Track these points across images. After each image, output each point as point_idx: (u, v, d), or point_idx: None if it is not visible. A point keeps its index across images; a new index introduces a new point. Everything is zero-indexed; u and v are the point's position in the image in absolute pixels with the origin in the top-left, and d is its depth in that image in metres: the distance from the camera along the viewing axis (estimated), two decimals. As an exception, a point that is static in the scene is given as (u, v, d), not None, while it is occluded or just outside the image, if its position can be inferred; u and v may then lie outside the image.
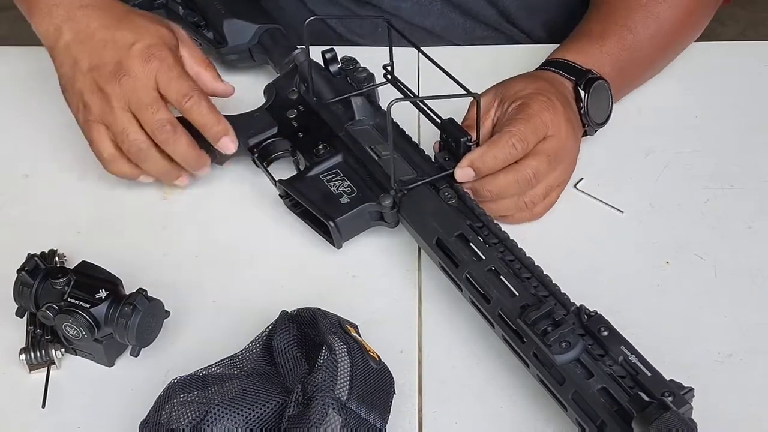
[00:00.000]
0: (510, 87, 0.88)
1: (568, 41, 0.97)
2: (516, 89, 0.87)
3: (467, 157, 0.83)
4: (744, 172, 0.94)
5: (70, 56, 0.88)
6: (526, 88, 0.87)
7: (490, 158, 0.82)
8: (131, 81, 0.85)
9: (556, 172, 0.86)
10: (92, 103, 0.86)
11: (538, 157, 0.84)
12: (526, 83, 0.88)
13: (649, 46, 0.98)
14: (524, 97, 0.86)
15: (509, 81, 0.90)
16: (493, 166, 0.83)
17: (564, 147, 0.86)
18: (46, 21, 0.89)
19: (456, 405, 0.76)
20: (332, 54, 0.94)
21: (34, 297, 0.77)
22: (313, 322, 0.73)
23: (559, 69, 0.92)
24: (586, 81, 0.91)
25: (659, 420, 0.63)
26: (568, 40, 0.97)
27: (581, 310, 0.72)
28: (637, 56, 0.97)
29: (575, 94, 0.91)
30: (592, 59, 0.93)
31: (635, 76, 1.00)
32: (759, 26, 2.48)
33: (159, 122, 0.85)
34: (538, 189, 0.85)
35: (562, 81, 0.91)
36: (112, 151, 0.87)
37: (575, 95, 0.91)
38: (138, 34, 0.87)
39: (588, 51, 0.94)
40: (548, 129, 0.84)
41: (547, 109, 0.85)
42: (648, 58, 0.99)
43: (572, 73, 0.92)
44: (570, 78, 0.91)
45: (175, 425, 0.68)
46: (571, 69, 0.92)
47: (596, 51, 0.94)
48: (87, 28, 0.88)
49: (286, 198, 0.89)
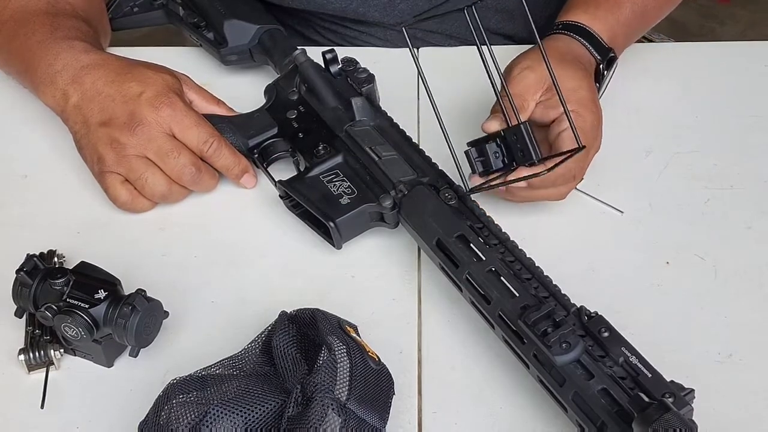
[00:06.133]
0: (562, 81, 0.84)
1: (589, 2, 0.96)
2: (568, 86, 0.85)
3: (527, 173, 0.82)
4: (744, 172, 0.94)
5: (80, 115, 0.89)
6: (580, 90, 0.86)
7: (548, 180, 0.83)
8: (146, 130, 0.87)
9: (590, 155, 0.87)
10: (106, 154, 0.87)
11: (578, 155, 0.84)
12: (578, 80, 0.87)
13: (653, 8, 1.01)
14: (580, 103, 0.85)
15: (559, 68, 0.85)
16: (545, 184, 0.84)
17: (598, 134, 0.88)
18: (51, 89, 0.91)
19: (455, 405, 0.76)
20: (333, 54, 0.94)
21: (33, 297, 0.77)
22: (313, 322, 0.73)
23: (587, 41, 0.93)
24: (608, 61, 0.94)
25: (660, 421, 0.63)
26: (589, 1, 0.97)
27: (581, 311, 0.72)
28: (644, 21, 1.01)
29: (596, 70, 0.93)
30: (611, 31, 0.95)
31: (636, 37, 1.03)
32: (759, 26, 2.48)
33: (183, 166, 0.88)
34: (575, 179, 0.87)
35: (590, 59, 0.93)
36: (127, 197, 0.89)
37: (596, 71, 0.93)
38: (144, 84, 0.88)
39: (606, 19, 0.95)
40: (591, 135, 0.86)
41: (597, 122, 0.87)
42: (651, 19, 1.03)
43: (599, 50, 0.93)
44: (596, 57, 0.93)
45: (174, 426, 0.68)
46: (598, 45, 0.94)
47: (614, 21, 0.96)
48: (93, 86, 0.89)
49: (286, 199, 0.89)
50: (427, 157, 0.87)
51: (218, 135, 0.90)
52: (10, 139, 0.99)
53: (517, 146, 0.83)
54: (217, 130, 0.90)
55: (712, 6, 2.54)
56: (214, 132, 0.90)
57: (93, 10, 1.01)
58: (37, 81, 0.92)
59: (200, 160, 0.89)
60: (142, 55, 0.95)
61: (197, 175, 0.89)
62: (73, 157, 0.92)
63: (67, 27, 0.94)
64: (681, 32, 2.34)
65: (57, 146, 0.96)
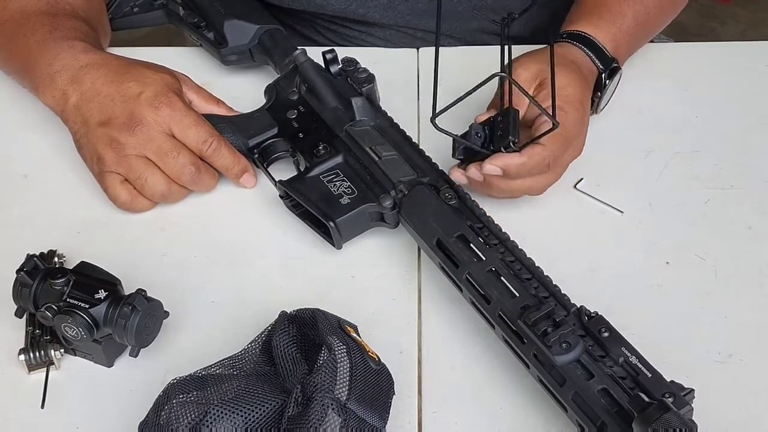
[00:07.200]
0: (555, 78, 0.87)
1: (592, 12, 0.97)
2: (557, 84, 0.86)
3: (503, 159, 0.83)
4: (744, 172, 0.94)
5: (80, 116, 0.89)
6: (568, 87, 0.87)
7: (523, 168, 0.84)
8: (145, 130, 0.87)
9: (569, 152, 0.87)
10: (105, 154, 0.87)
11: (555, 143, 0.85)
12: (569, 79, 0.88)
13: (655, 15, 1.01)
14: (565, 100, 0.86)
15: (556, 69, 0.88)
16: (520, 173, 0.84)
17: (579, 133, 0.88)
18: (51, 89, 0.91)
19: (455, 405, 0.76)
20: (333, 55, 0.94)
21: (33, 297, 0.77)
22: (313, 322, 0.73)
23: (590, 51, 0.94)
24: (610, 70, 0.94)
25: (659, 421, 0.63)
26: (592, 10, 0.97)
27: (581, 311, 0.72)
28: (646, 30, 1.01)
29: (597, 79, 0.94)
30: (614, 41, 0.95)
31: (639, 46, 1.03)
32: (759, 26, 2.48)
33: (183, 166, 0.88)
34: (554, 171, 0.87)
35: (591, 67, 0.93)
36: (126, 196, 0.89)
37: (596, 80, 0.94)
38: (143, 84, 0.88)
39: (609, 30, 0.96)
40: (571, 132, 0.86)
41: (580, 120, 0.87)
42: (654, 28, 1.03)
43: (602, 60, 0.94)
44: (599, 66, 0.94)
45: (174, 426, 0.68)
46: (602, 55, 0.94)
47: (616, 30, 0.96)
48: (92, 86, 0.89)
49: (287, 198, 0.89)
50: (427, 157, 0.87)
51: (218, 135, 0.90)
52: (10, 139, 0.99)
53: (500, 127, 0.84)
54: (217, 130, 0.90)
55: (713, 6, 2.54)
56: (214, 132, 0.90)
57: (93, 10, 1.01)
58: (37, 81, 0.92)
59: (200, 159, 0.89)
60: (142, 55, 0.95)
61: (197, 174, 0.89)
62: (72, 156, 0.92)
63: (67, 27, 0.94)
64: (681, 32, 2.34)
65: (57, 146, 0.96)
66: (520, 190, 0.87)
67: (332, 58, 0.94)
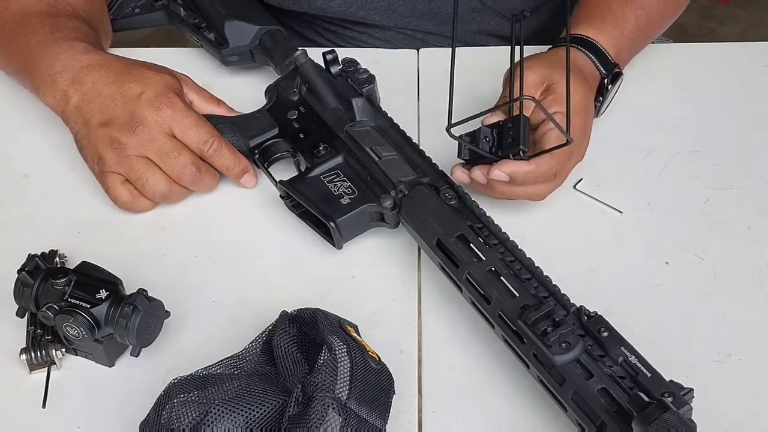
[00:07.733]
0: (561, 84, 0.87)
1: (596, 16, 0.97)
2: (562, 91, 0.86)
3: (510, 167, 0.83)
4: (744, 172, 0.94)
5: (81, 116, 0.89)
6: (574, 94, 0.86)
7: (530, 176, 0.84)
8: (146, 130, 0.87)
9: (571, 160, 0.88)
10: (106, 154, 0.87)
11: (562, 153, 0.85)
12: (575, 86, 0.87)
13: (657, 20, 1.01)
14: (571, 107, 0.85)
15: (558, 73, 0.88)
16: (526, 181, 0.85)
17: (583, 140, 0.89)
18: (52, 89, 0.91)
19: (455, 405, 0.76)
20: (333, 55, 0.94)
21: (34, 297, 0.77)
22: (313, 322, 0.73)
23: (594, 56, 0.94)
24: (613, 75, 0.94)
25: (659, 420, 0.63)
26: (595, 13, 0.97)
27: (581, 310, 0.72)
28: (648, 33, 1.02)
29: (599, 84, 0.94)
30: (617, 46, 0.96)
31: (639, 50, 1.03)
32: (759, 26, 2.48)
33: (183, 166, 0.88)
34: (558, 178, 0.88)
35: (594, 72, 0.94)
36: (127, 197, 0.89)
37: (599, 85, 0.94)
38: (144, 84, 0.88)
39: (613, 34, 0.96)
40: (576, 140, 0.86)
41: (585, 127, 0.88)
42: (655, 31, 1.04)
43: (604, 64, 0.94)
44: (602, 71, 0.94)
45: (175, 425, 0.68)
46: (604, 60, 0.94)
47: (619, 35, 0.96)
48: (93, 87, 0.89)
49: (287, 199, 0.89)
50: (427, 157, 0.87)
51: (218, 135, 0.90)
52: (11, 139, 1.00)
53: (509, 134, 0.84)
54: (218, 130, 0.90)
55: (712, 6, 2.54)
56: (214, 132, 0.90)
57: (94, 11, 1.01)
58: (38, 81, 0.92)
59: (200, 160, 0.89)
60: (143, 56, 0.95)
61: (197, 175, 0.89)
62: (73, 156, 0.92)
63: (68, 28, 0.94)
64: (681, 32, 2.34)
65: (57, 146, 0.96)
66: (521, 195, 0.87)
67: (333, 59, 0.94)
